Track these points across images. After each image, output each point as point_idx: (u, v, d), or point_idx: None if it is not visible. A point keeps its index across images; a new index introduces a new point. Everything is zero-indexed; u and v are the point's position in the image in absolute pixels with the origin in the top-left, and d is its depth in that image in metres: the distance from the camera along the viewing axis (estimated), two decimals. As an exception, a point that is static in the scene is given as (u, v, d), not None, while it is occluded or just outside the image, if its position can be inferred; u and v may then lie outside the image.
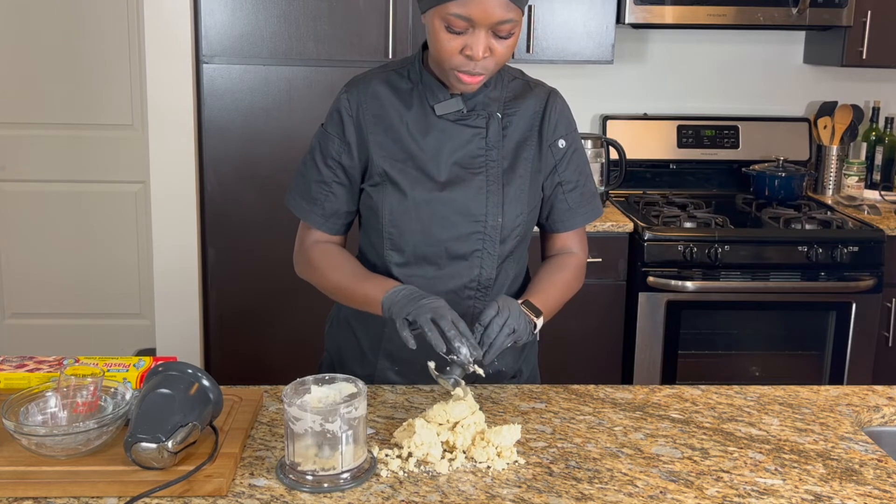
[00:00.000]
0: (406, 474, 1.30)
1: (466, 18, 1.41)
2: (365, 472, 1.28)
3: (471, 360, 1.38)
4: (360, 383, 1.31)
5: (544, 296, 1.59)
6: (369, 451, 1.32)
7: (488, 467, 1.32)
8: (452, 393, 1.41)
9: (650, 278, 2.95)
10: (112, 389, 1.38)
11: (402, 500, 1.23)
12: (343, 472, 1.26)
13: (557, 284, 1.64)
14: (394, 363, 1.67)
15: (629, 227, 3.02)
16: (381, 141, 1.58)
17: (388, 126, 1.58)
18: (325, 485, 1.25)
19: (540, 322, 1.53)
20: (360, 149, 1.60)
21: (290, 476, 1.27)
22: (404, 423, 1.40)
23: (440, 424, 1.38)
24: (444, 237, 1.59)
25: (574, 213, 1.69)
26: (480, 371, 1.42)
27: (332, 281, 1.61)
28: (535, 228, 1.72)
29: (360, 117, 1.59)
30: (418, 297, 1.45)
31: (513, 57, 3.10)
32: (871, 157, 3.55)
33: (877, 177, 3.53)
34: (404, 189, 1.57)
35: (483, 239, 1.59)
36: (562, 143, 1.65)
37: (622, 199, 3.35)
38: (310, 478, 1.25)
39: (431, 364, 1.42)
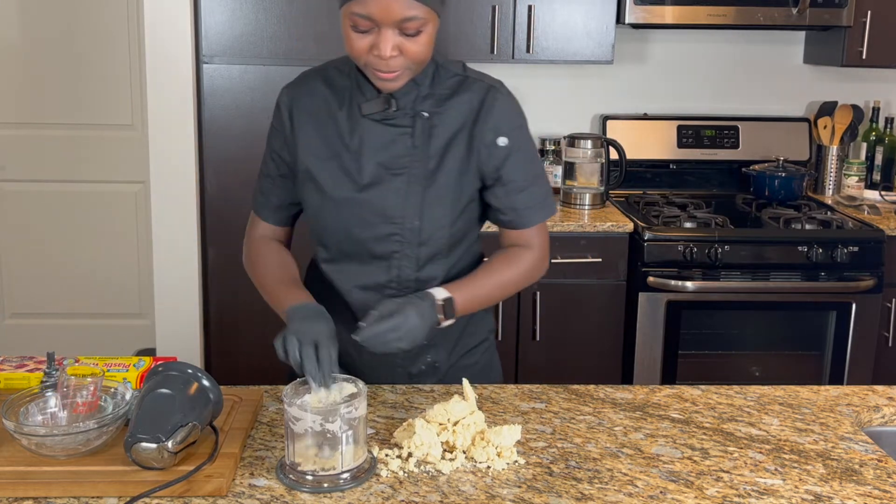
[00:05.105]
0: (406, 474, 1.30)
1: (368, 17, 1.40)
2: (365, 472, 1.28)
3: (316, 386, 1.32)
4: (361, 383, 1.31)
5: (469, 298, 1.53)
6: (369, 451, 1.32)
7: (488, 467, 1.32)
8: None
9: (650, 278, 2.95)
10: (112, 389, 1.38)
11: (402, 500, 1.23)
12: (343, 473, 1.26)
13: (490, 285, 1.58)
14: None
15: (629, 227, 3.01)
16: (309, 138, 1.58)
17: (319, 124, 1.58)
18: (325, 485, 1.25)
19: (446, 323, 1.49)
20: (291, 144, 1.61)
21: (291, 476, 1.27)
22: (404, 423, 1.40)
23: (440, 424, 1.38)
24: (363, 237, 1.58)
25: (520, 213, 1.60)
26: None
27: (259, 280, 1.64)
28: (487, 228, 1.67)
29: (293, 114, 1.60)
30: (306, 320, 1.42)
31: (512, 57, 3.11)
32: (871, 157, 3.55)
33: (877, 177, 3.53)
34: (325, 188, 1.57)
35: (401, 241, 1.57)
36: (501, 141, 1.55)
37: (622, 199, 3.35)
38: (310, 478, 1.25)
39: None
